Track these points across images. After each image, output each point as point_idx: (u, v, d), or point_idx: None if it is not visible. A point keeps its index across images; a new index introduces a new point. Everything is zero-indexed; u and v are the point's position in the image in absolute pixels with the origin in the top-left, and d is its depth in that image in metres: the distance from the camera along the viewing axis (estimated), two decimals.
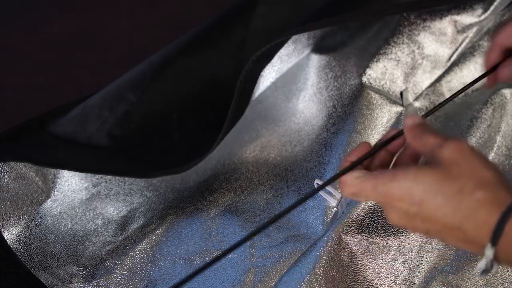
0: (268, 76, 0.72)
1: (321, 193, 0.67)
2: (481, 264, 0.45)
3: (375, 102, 0.73)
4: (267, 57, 0.62)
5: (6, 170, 0.68)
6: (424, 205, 0.46)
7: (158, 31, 0.82)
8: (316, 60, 0.79)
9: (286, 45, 0.64)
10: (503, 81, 0.61)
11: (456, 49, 0.72)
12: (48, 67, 0.88)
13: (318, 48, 0.80)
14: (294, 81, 0.79)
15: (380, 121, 0.71)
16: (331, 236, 0.61)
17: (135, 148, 0.65)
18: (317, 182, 0.64)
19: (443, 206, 0.45)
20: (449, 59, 0.73)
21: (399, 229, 0.63)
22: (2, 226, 0.67)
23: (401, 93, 0.70)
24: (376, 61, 0.75)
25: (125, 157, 0.64)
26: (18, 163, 0.68)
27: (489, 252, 0.44)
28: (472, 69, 0.73)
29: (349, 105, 0.74)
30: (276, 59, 0.71)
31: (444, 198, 0.45)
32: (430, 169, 0.46)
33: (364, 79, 0.74)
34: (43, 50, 0.90)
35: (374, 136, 0.70)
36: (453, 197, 0.45)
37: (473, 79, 0.57)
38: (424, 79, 0.73)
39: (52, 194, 0.70)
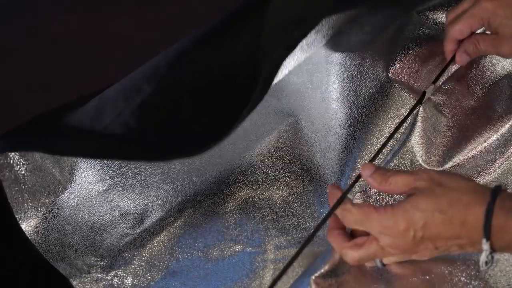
0: (287, 65, 0.73)
1: None
2: (483, 257, 0.53)
3: (392, 103, 0.74)
4: (293, 47, 0.62)
5: (22, 162, 0.68)
6: (427, 227, 0.54)
7: (158, 32, 0.82)
8: (331, 58, 0.80)
9: (308, 35, 0.65)
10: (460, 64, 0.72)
11: None
12: (48, 68, 0.88)
13: (333, 46, 0.80)
14: (310, 79, 0.80)
15: (396, 118, 0.71)
16: None
17: (150, 137, 0.65)
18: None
19: (442, 222, 0.54)
20: None
21: None
22: (20, 218, 0.67)
23: (424, 92, 0.70)
24: (395, 61, 0.76)
25: (140, 144, 0.64)
26: (34, 155, 0.68)
27: (485, 246, 0.53)
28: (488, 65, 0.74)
29: (365, 107, 0.75)
30: (297, 48, 0.72)
31: (440, 215, 0.53)
32: (419, 196, 0.54)
33: (381, 78, 0.75)
34: (43, 51, 0.90)
35: (395, 136, 0.71)
36: (447, 210, 0.53)
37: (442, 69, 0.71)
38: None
39: (69, 186, 0.70)
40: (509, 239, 0.52)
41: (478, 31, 0.71)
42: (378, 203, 0.67)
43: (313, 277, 0.59)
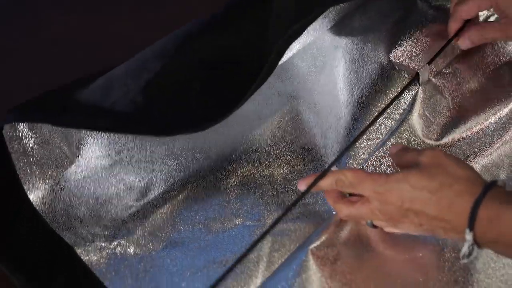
0: (292, 48, 0.74)
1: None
2: (464, 248, 0.54)
3: (392, 85, 0.75)
4: (300, 31, 0.64)
5: (31, 136, 0.70)
6: (414, 201, 0.56)
7: (158, 32, 0.82)
8: (335, 41, 0.81)
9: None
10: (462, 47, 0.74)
11: None
12: (48, 68, 0.87)
13: (337, 30, 0.82)
14: (313, 62, 0.82)
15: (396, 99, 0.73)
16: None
17: (156, 113, 0.67)
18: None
19: (429, 200, 0.55)
20: None
21: None
22: (28, 189, 0.69)
23: (417, 73, 0.72)
24: (397, 45, 0.78)
25: (146, 120, 0.66)
26: (42, 129, 0.70)
27: (468, 236, 0.53)
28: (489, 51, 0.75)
29: (366, 89, 0.77)
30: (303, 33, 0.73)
31: (429, 193, 0.55)
32: (414, 170, 0.56)
33: (383, 61, 0.76)
34: (43, 51, 0.89)
35: (393, 116, 0.72)
36: (436, 191, 0.55)
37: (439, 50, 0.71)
38: (442, 57, 0.75)
39: (76, 160, 0.72)
40: (495, 233, 0.53)
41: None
42: None
43: (310, 247, 0.61)
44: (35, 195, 0.69)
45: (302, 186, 0.61)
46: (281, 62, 0.78)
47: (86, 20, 0.93)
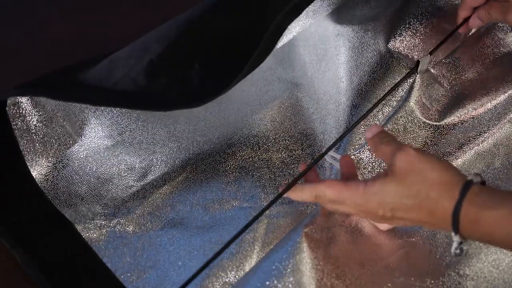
0: (293, 29, 0.75)
1: (327, 158, 0.71)
2: (453, 247, 0.54)
3: (390, 73, 0.76)
4: (298, 11, 0.65)
5: (34, 113, 0.72)
6: (395, 210, 0.55)
7: None
8: (336, 29, 0.82)
9: (315, 1, 0.68)
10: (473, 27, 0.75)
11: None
12: (48, 68, 0.86)
13: (338, 19, 0.83)
14: (314, 50, 0.83)
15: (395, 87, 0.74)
16: None
17: (156, 91, 0.68)
18: (332, 155, 0.68)
19: (410, 208, 0.54)
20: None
21: None
22: (32, 166, 0.71)
23: (418, 62, 0.73)
24: (396, 35, 0.79)
25: (146, 96, 0.67)
26: (46, 107, 0.72)
27: (455, 238, 0.53)
28: (489, 42, 0.76)
29: (364, 76, 0.77)
30: (303, 14, 0.74)
31: (408, 201, 0.54)
32: (390, 179, 0.55)
33: (382, 50, 0.77)
34: (43, 51, 0.89)
35: (391, 103, 0.73)
36: (414, 199, 0.54)
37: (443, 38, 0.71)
38: (442, 48, 0.76)
39: (79, 139, 0.73)
40: (480, 233, 0.52)
41: None
42: (371, 166, 0.70)
43: (305, 230, 0.62)
44: (38, 172, 0.71)
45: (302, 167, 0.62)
46: (282, 47, 0.79)
47: (86, 20, 0.93)
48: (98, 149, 0.74)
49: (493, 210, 0.51)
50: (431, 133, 0.72)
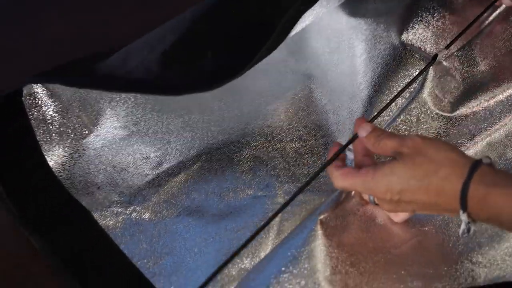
0: (306, 19, 0.76)
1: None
2: (462, 227, 0.55)
3: (403, 65, 0.77)
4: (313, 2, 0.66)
5: (50, 104, 0.73)
6: (403, 192, 0.56)
7: None
8: (349, 22, 0.83)
9: None
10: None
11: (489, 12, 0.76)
12: (48, 68, 0.85)
13: (351, 12, 0.83)
14: (327, 43, 0.83)
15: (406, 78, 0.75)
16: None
17: (169, 78, 0.69)
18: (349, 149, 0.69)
19: (418, 189, 0.55)
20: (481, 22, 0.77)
21: None
22: (48, 156, 0.72)
23: (436, 55, 0.73)
24: (408, 27, 0.80)
25: (159, 83, 0.68)
26: (61, 97, 0.73)
27: (463, 217, 0.54)
28: (501, 35, 0.77)
29: (377, 69, 0.78)
30: (316, 4, 0.75)
31: (416, 182, 0.55)
32: (398, 162, 0.56)
33: (395, 43, 0.78)
34: (43, 51, 0.89)
35: (404, 94, 0.74)
36: (422, 180, 0.55)
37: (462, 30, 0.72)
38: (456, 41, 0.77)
39: (95, 130, 0.74)
40: (488, 212, 0.53)
41: None
42: None
43: (320, 218, 0.63)
44: (54, 162, 0.72)
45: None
46: (295, 40, 0.80)
47: (86, 20, 0.93)
48: (114, 139, 0.75)
49: (501, 189, 0.52)
50: (443, 124, 0.73)
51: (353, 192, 0.65)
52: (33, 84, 0.72)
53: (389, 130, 0.72)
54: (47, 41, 0.91)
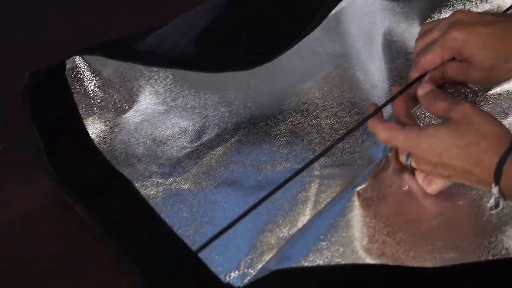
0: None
1: None
2: (491, 201, 0.56)
3: None
4: None
5: (91, 78, 0.75)
6: (442, 156, 0.57)
7: None
8: (382, 4, 0.85)
9: None
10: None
11: None
12: None
13: None
14: (359, 25, 0.85)
15: None
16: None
17: (205, 57, 0.71)
18: None
19: (457, 156, 0.57)
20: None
21: None
22: (90, 129, 0.74)
23: None
24: (436, 12, 0.81)
25: (196, 62, 0.71)
26: (102, 73, 0.75)
27: (494, 190, 0.55)
28: None
29: (410, 49, 0.80)
30: None
31: (457, 149, 0.57)
32: (444, 127, 0.58)
33: None
34: (43, 51, 0.90)
35: None
36: (464, 148, 0.56)
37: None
38: None
39: (135, 105, 0.77)
40: None
41: None
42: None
43: (356, 189, 0.64)
44: (96, 135, 0.74)
45: None
46: (329, 21, 0.81)
47: (86, 20, 0.94)
48: (153, 114, 0.77)
49: None
50: (477, 103, 0.74)
51: (389, 162, 0.66)
52: (75, 59, 0.74)
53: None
54: (47, 41, 0.91)
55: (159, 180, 0.71)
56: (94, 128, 0.75)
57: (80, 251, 0.66)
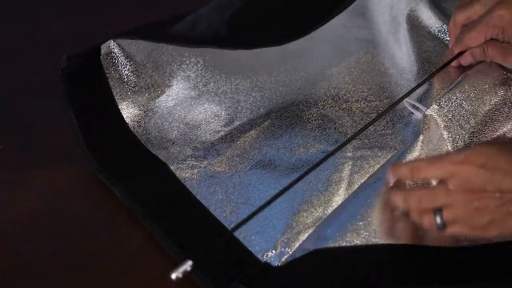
0: None
1: (408, 107, 0.74)
2: None
3: None
4: None
5: (125, 63, 0.76)
6: (500, 159, 0.52)
7: None
8: None
9: None
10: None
11: None
12: (48, 68, 0.85)
13: None
14: (387, 10, 0.86)
15: None
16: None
17: (238, 38, 0.73)
18: (412, 103, 0.71)
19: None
20: None
21: None
22: (125, 113, 0.75)
23: None
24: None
25: (228, 41, 0.73)
26: (136, 58, 0.77)
27: None
28: None
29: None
30: None
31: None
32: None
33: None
34: (43, 51, 0.90)
35: None
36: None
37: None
38: None
39: (167, 90, 0.78)
40: None
41: None
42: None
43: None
44: (131, 119, 0.76)
45: None
46: (356, 7, 0.82)
47: (86, 20, 0.95)
48: (185, 98, 0.78)
49: None
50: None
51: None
52: (110, 44, 0.76)
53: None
54: (47, 41, 0.92)
55: (194, 163, 0.72)
56: (129, 112, 0.76)
57: (81, 251, 0.67)
